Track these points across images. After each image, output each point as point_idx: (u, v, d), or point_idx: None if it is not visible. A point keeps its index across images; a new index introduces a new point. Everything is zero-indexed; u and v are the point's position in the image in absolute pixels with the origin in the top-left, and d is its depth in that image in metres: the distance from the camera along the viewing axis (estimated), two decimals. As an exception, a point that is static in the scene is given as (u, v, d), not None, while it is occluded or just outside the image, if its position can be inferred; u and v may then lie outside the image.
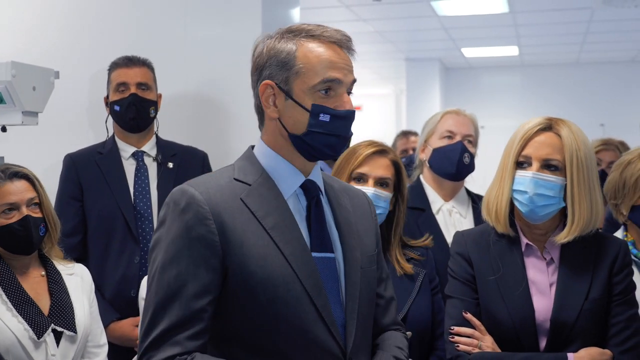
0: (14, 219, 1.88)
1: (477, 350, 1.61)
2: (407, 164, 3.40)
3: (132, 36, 2.87)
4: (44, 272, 1.97)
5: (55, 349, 1.86)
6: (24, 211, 1.89)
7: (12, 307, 1.84)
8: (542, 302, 1.63)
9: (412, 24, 6.64)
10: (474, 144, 2.39)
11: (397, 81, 9.75)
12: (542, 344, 1.62)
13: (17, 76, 2.05)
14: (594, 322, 1.62)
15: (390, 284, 1.51)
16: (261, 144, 1.37)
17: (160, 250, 1.27)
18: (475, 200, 2.40)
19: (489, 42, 7.48)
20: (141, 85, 2.50)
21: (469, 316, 1.66)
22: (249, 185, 1.31)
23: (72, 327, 1.90)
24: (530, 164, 1.66)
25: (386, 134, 5.02)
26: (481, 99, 8.66)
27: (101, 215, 2.46)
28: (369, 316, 1.40)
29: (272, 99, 1.32)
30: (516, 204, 1.68)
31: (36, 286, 1.93)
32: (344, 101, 1.31)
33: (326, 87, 1.30)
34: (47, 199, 1.98)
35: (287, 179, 1.33)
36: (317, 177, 1.39)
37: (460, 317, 1.66)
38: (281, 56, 1.30)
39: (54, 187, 2.45)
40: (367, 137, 2.06)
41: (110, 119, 2.57)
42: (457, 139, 2.34)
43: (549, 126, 1.68)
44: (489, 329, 1.64)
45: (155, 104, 2.55)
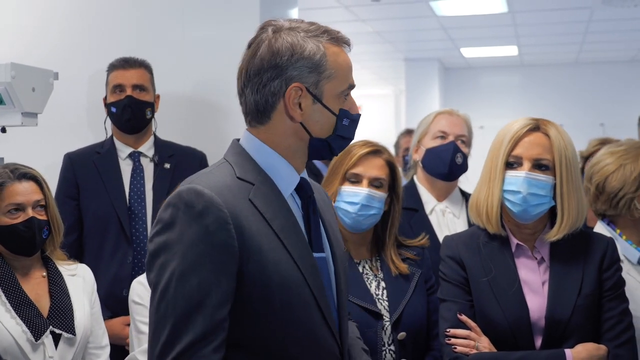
0: (19, 220, 1.88)
1: (474, 351, 1.62)
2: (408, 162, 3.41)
3: (131, 37, 2.88)
4: (45, 273, 1.97)
5: (53, 351, 1.86)
6: (30, 212, 1.90)
7: (11, 308, 1.84)
8: (536, 300, 1.65)
9: (411, 24, 6.64)
10: (467, 144, 2.39)
11: (396, 81, 9.75)
12: (538, 342, 1.64)
13: (17, 77, 2.06)
14: (588, 318, 1.64)
15: None
16: (255, 141, 1.30)
17: (173, 256, 1.17)
18: (468, 199, 2.40)
19: (488, 42, 7.48)
20: (137, 87, 2.52)
21: (464, 318, 1.67)
22: (253, 184, 1.25)
23: (71, 330, 1.90)
24: (520, 164, 1.67)
25: (385, 134, 5.01)
26: (480, 99, 8.67)
27: (96, 214, 2.48)
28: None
29: (297, 101, 1.26)
30: (507, 204, 1.68)
31: (37, 287, 1.93)
32: (356, 105, 1.33)
33: (348, 92, 1.31)
34: (52, 202, 1.98)
35: (286, 178, 1.30)
36: (305, 175, 1.37)
37: (455, 319, 1.67)
38: (314, 59, 1.25)
39: (54, 186, 2.46)
40: (365, 138, 2.07)
41: (109, 120, 2.58)
42: (450, 139, 2.34)
43: (536, 126, 1.70)
44: (484, 330, 1.65)
45: (152, 105, 2.56)
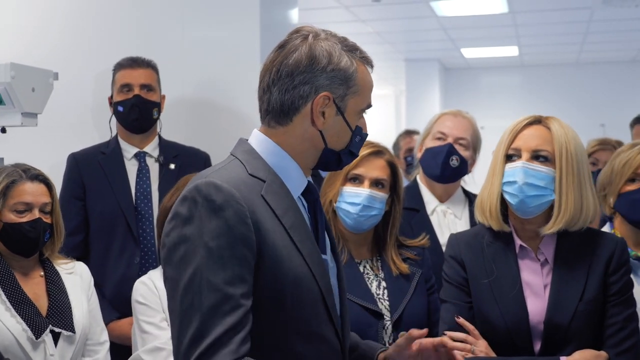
0: (25, 219, 1.89)
1: (470, 355, 1.58)
2: (411, 163, 3.41)
3: (131, 37, 2.87)
4: (42, 273, 1.97)
5: (53, 349, 1.87)
6: (36, 214, 1.91)
7: (10, 306, 1.85)
8: (536, 304, 1.62)
9: (411, 25, 6.64)
10: (468, 147, 2.35)
11: (396, 82, 9.75)
12: (537, 346, 1.61)
13: (16, 77, 2.05)
14: (589, 324, 1.60)
15: None
16: (269, 142, 1.31)
17: (195, 250, 1.17)
18: (472, 200, 2.39)
19: (489, 42, 7.48)
20: (145, 86, 2.52)
21: (462, 320, 1.65)
22: (264, 181, 1.26)
23: (70, 327, 1.91)
24: (519, 156, 1.65)
25: (386, 134, 5.01)
26: (481, 99, 8.67)
27: (103, 215, 2.48)
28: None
29: (322, 109, 1.28)
30: (506, 197, 1.65)
31: (35, 287, 1.94)
32: (366, 125, 1.37)
33: (365, 111, 1.35)
34: (58, 207, 1.99)
35: (295, 180, 1.32)
36: (310, 179, 1.39)
37: (453, 321, 1.65)
38: (347, 72, 1.29)
39: (58, 186, 2.46)
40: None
41: (114, 119, 2.59)
42: (448, 140, 2.32)
43: (537, 120, 1.68)
44: (483, 333, 1.63)
45: (158, 106, 2.56)
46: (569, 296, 1.60)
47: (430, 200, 2.38)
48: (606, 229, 2.00)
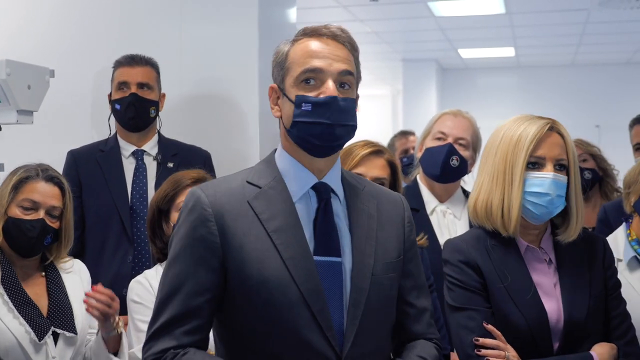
0: (29, 217, 1.87)
1: None
2: (408, 164, 3.40)
3: (129, 36, 2.86)
4: (44, 273, 1.96)
5: (55, 351, 1.84)
6: (41, 214, 1.88)
7: (13, 307, 1.82)
8: (551, 303, 1.60)
9: (409, 25, 6.64)
10: (469, 147, 2.34)
11: (393, 82, 9.75)
12: (555, 345, 1.60)
13: (12, 75, 2.04)
14: (599, 318, 1.62)
15: (425, 293, 1.47)
16: (279, 147, 1.41)
17: (170, 248, 1.34)
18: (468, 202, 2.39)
19: (486, 43, 7.49)
20: (142, 85, 2.51)
21: (491, 327, 1.58)
22: (259, 188, 1.34)
23: (72, 329, 1.89)
24: (543, 165, 1.60)
25: (383, 135, 5.01)
26: (477, 99, 8.67)
27: (98, 213, 2.47)
28: (382, 323, 1.38)
29: (276, 100, 1.38)
30: (529, 206, 1.60)
31: (35, 287, 1.92)
32: (327, 88, 1.30)
33: (308, 77, 1.31)
34: (69, 214, 1.96)
35: (297, 180, 1.34)
36: (332, 178, 1.37)
37: (481, 328, 1.57)
38: (282, 57, 1.36)
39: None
40: (363, 138, 2.05)
41: (113, 117, 2.57)
42: (448, 140, 2.32)
43: (552, 126, 1.64)
44: (505, 336, 1.58)
45: (156, 104, 2.55)
46: (580, 293, 1.61)
47: (429, 200, 2.37)
48: (621, 229, 2.00)
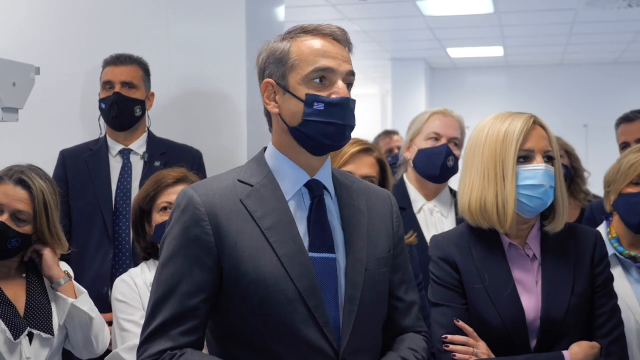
0: None
1: (473, 357, 1.57)
2: (392, 163, 3.40)
3: (117, 34, 2.85)
4: (24, 274, 1.93)
5: (29, 352, 1.82)
6: (3, 218, 1.85)
7: None
8: (530, 300, 1.60)
9: (398, 24, 6.65)
10: (460, 146, 2.37)
11: (382, 81, 9.76)
12: (533, 343, 1.60)
13: (-4, 72, 2.01)
14: (580, 316, 1.61)
15: (413, 287, 1.50)
16: (270, 145, 1.40)
17: (162, 248, 1.34)
18: (458, 201, 2.39)
19: (474, 42, 7.51)
20: (126, 84, 2.50)
21: (462, 324, 1.60)
22: (251, 186, 1.34)
23: (48, 330, 1.86)
24: (533, 158, 1.60)
25: (371, 134, 5.02)
26: (466, 99, 8.70)
27: (83, 212, 2.47)
28: (376, 318, 1.39)
29: (272, 96, 1.36)
30: (524, 200, 1.59)
31: (15, 287, 1.90)
32: (339, 88, 1.31)
33: (319, 76, 1.31)
34: (43, 219, 1.89)
35: (290, 178, 1.35)
36: (324, 176, 1.38)
37: (451, 324, 1.61)
38: (281, 53, 1.34)
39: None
40: (354, 137, 2.05)
41: None
42: (443, 141, 2.33)
43: (534, 119, 1.65)
44: (480, 333, 1.60)
45: (141, 103, 2.53)
46: (561, 291, 1.60)
47: (417, 198, 2.38)
48: (602, 227, 2.00)
